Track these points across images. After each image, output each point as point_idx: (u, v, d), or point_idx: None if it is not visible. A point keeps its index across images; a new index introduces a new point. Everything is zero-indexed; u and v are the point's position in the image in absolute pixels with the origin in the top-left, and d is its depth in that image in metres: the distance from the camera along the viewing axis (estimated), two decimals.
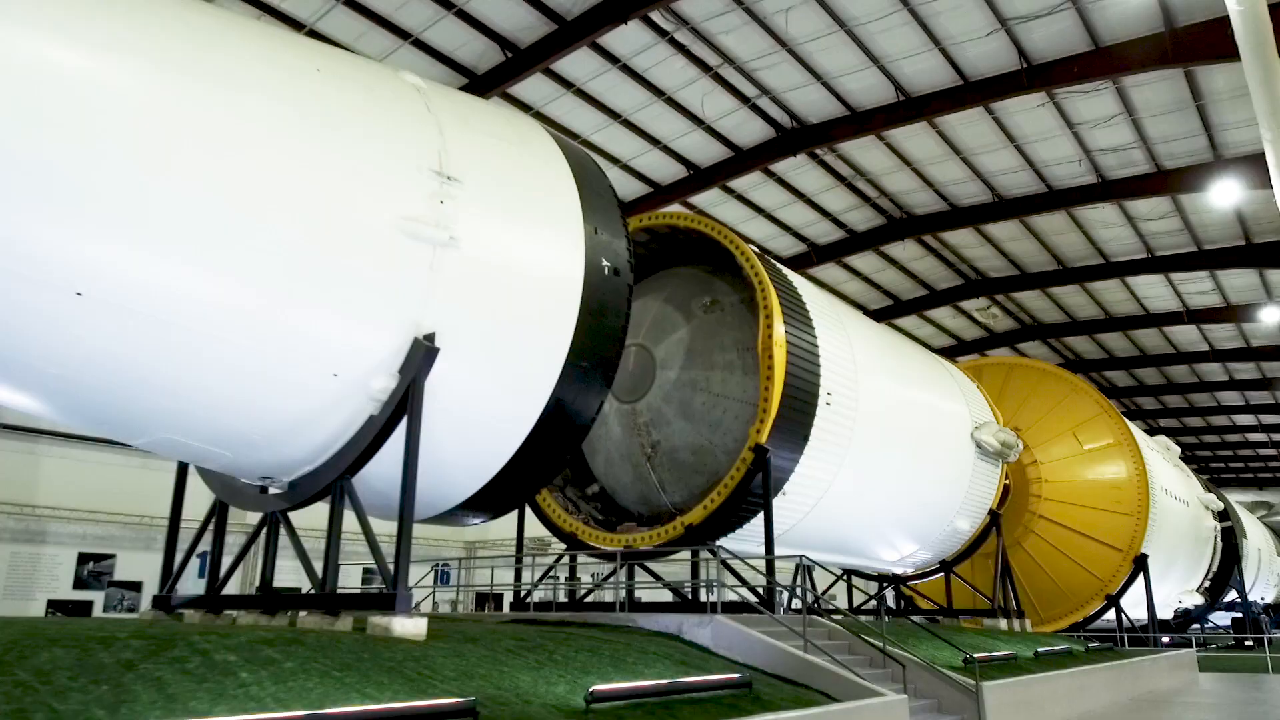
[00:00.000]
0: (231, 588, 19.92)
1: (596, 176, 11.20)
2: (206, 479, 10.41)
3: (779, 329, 13.86)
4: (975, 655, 11.39)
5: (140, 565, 19.17)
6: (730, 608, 12.35)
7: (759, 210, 25.61)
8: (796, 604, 13.87)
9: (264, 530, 9.77)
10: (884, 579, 22.82)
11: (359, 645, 6.84)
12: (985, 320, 34.24)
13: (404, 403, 8.42)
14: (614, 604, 13.66)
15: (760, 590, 12.55)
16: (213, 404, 8.03)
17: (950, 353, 35.10)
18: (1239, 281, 29.99)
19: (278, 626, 8.13)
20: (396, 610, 8.01)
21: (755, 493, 13.56)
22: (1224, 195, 22.03)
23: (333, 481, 8.81)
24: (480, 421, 9.62)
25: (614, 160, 22.48)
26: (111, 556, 19.00)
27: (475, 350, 9.18)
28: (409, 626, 7.94)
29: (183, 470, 10.92)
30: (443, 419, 9.23)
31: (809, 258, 28.21)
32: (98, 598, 18.72)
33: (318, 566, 8.88)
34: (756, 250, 15.64)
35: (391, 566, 8.32)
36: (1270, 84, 16.01)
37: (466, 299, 8.97)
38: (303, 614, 8.89)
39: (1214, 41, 16.64)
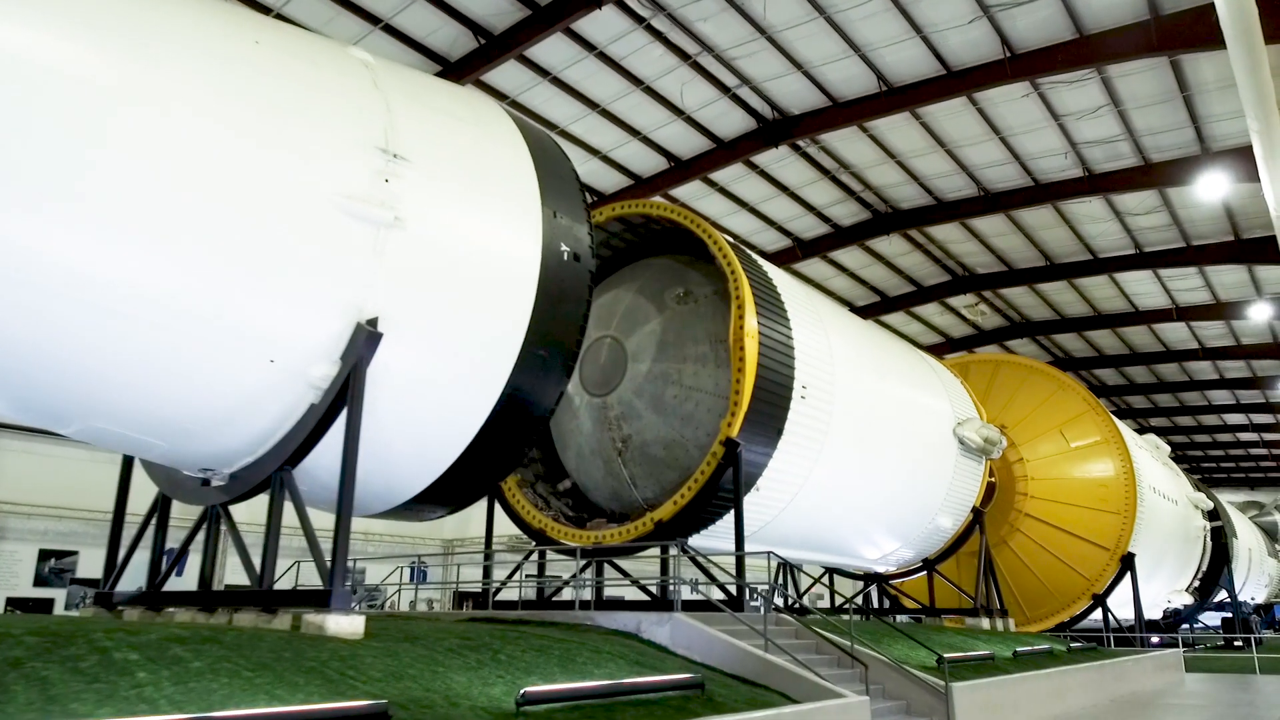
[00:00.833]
0: (192, 584, 19.63)
1: (558, 159, 10.83)
2: (150, 471, 10.03)
3: (751, 320, 13.50)
4: (948, 655, 11.04)
5: (104, 562, 18.68)
6: (700, 606, 12.00)
7: (742, 204, 25.23)
8: (773, 602, 13.50)
9: (205, 525, 9.38)
10: (867, 578, 22.48)
11: (283, 644, 6.46)
12: (973, 317, 33.91)
13: (345, 391, 8.04)
14: (587, 601, 13.31)
15: (731, 588, 12.17)
16: (140, 390, 7.65)
17: (939, 350, 34.81)
18: (1228, 278, 29.70)
19: (207, 624, 7.74)
20: (332, 608, 7.62)
21: (726, 488, 13.20)
22: (1211, 188, 21.70)
23: (272, 473, 8.43)
24: (431, 411, 9.25)
25: (593, 151, 22.10)
26: (74, 553, 18.57)
27: (424, 336, 8.81)
28: (344, 625, 7.56)
29: (128, 463, 10.55)
30: (390, 408, 8.87)
31: (794, 253, 27.85)
32: (59, 595, 18.29)
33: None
34: (731, 240, 15.28)
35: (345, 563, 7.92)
36: (1256, 72, 15.68)
37: (414, 282, 8.60)
38: (239, 611, 8.49)
39: (1200, 29, 16.32)
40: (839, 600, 25.68)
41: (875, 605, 22.78)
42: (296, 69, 8.22)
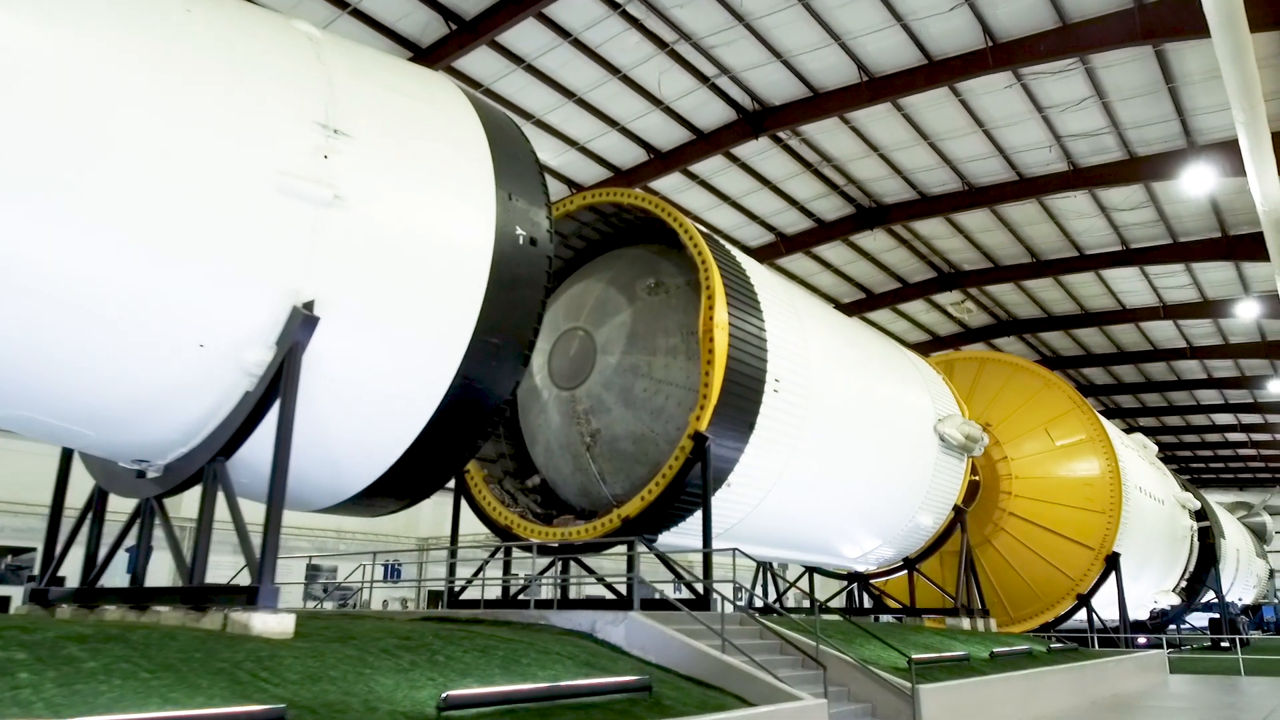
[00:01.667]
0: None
1: (516, 140, 10.45)
2: (87, 464, 9.63)
3: (721, 311, 13.12)
4: (919, 656, 10.67)
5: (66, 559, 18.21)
6: (667, 606, 11.62)
7: (724, 197, 24.85)
8: (742, 602, 13.15)
9: (139, 520, 8.96)
10: (848, 577, 22.13)
11: (197, 644, 6.06)
12: (960, 315, 33.60)
13: (279, 377, 7.65)
14: (549, 600, 12.93)
15: (695, 587, 11.79)
16: (59, 377, 7.24)
17: (925, 348, 34.49)
18: (1215, 276, 29.42)
19: (125, 623, 7.33)
20: (259, 605, 7.22)
21: (696, 483, 12.82)
22: (1197, 182, 21.37)
23: (205, 464, 8.03)
24: (376, 401, 8.84)
25: (571, 143, 21.71)
26: (32, 550, 18.08)
27: (367, 322, 8.42)
28: (271, 624, 7.15)
29: (67, 456, 10.14)
30: (332, 397, 8.48)
31: (777, 248, 27.48)
32: (16, 593, 17.80)
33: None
34: (705, 230, 14.91)
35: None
36: (1241, 60, 15.36)
37: (355, 264, 8.20)
38: (172, 609, 8.08)
39: (1184, 17, 16.00)
40: (819, 600, 25.41)
41: (858, 605, 22.40)
42: (231, 39, 7.81)
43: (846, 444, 15.95)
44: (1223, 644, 31.95)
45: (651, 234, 15.55)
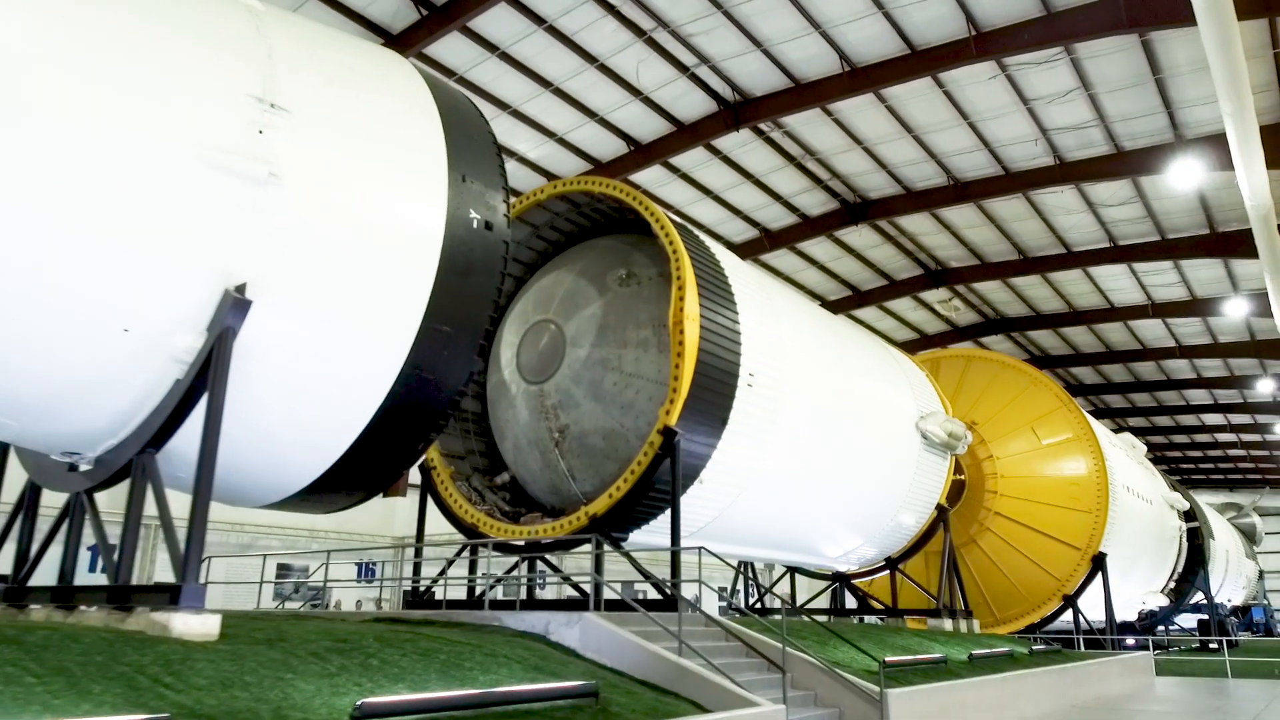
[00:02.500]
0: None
1: (472, 121, 10.01)
2: (20, 457, 9.20)
3: (692, 302, 12.72)
4: (892, 659, 10.29)
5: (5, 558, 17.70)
6: (629, 607, 11.22)
7: (706, 191, 24.45)
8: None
9: (70, 515, 8.53)
10: (830, 577, 21.75)
11: (102, 646, 5.64)
12: (947, 313, 33.25)
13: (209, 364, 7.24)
14: (511, 601, 12.52)
15: (658, 587, 11.39)
16: None
17: (913, 347, 34.16)
18: (1204, 273, 29.12)
19: (44, 622, 6.90)
20: (181, 605, 6.79)
21: (666, 480, 12.41)
22: (1185, 176, 21.03)
23: (134, 456, 7.61)
24: (319, 390, 8.41)
25: (549, 134, 21.29)
26: None
27: (306, 307, 8.00)
28: (194, 625, 6.72)
29: (3, 449, 9.71)
30: (271, 386, 8.07)
31: (761, 243, 27.10)
32: None
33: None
34: (679, 221, 14.52)
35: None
36: (1228, 50, 15.01)
37: (293, 246, 7.77)
38: (96, 609, 7.65)
39: (1170, 4, 15.65)
40: (799, 600, 25.02)
41: (842, 606, 22.01)
42: (161, 6, 7.40)
43: (824, 440, 15.56)
44: (1211, 645, 31.62)
45: (626, 225, 15.17)
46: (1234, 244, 24.99)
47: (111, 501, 9.02)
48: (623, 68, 19.09)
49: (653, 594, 18.57)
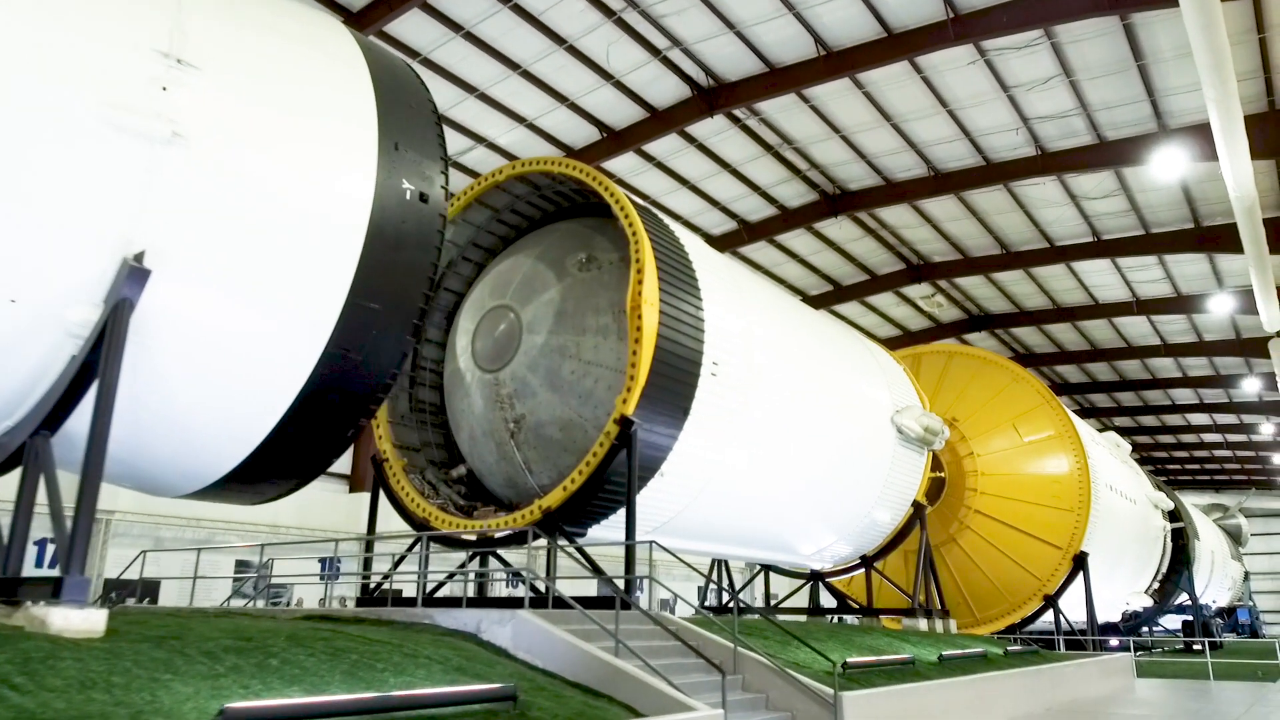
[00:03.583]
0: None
1: (409, 87, 9.43)
2: None
3: (651, 286, 12.15)
4: (854, 660, 9.75)
5: None
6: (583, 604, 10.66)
7: (683, 181, 23.89)
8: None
9: None
10: (806, 576, 21.22)
11: None
12: (930, 309, 32.79)
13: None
14: (457, 599, 11.96)
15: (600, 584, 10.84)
16: None
17: (896, 343, 33.63)
18: (1189, 269, 28.71)
19: None
20: (63, 599, 6.21)
21: (623, 472, 11.86)
22: (1168, 166, 20.56)
23: (25, 440, 7.02)
24: (233, 371, 7.83)
25: (519, 119, 20.71)
26: None
27: (216, 280, 7.43)
28: (74, 620, 6.13)
29: None
30: (179, 366, 7.51)
31: (740, 235, 26.57)
32: None
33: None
34: (642, 204, 13.97)
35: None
36: (1212, 32, 14.52)
37: (200, 213, 7.21)
38: None
39: None
40: (773, 599, 24.50)
41: (818, 605, 21.49)
42: None
43: (795, 433, 15.03)
44: (1195, 647, 31.24)
45: (590, 209, 14.60)
46: (1218, 238, 24.56)
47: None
48: (592, 50, 18.53)
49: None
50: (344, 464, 25.83)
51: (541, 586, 11.51)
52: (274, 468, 8.87)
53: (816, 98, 20.27)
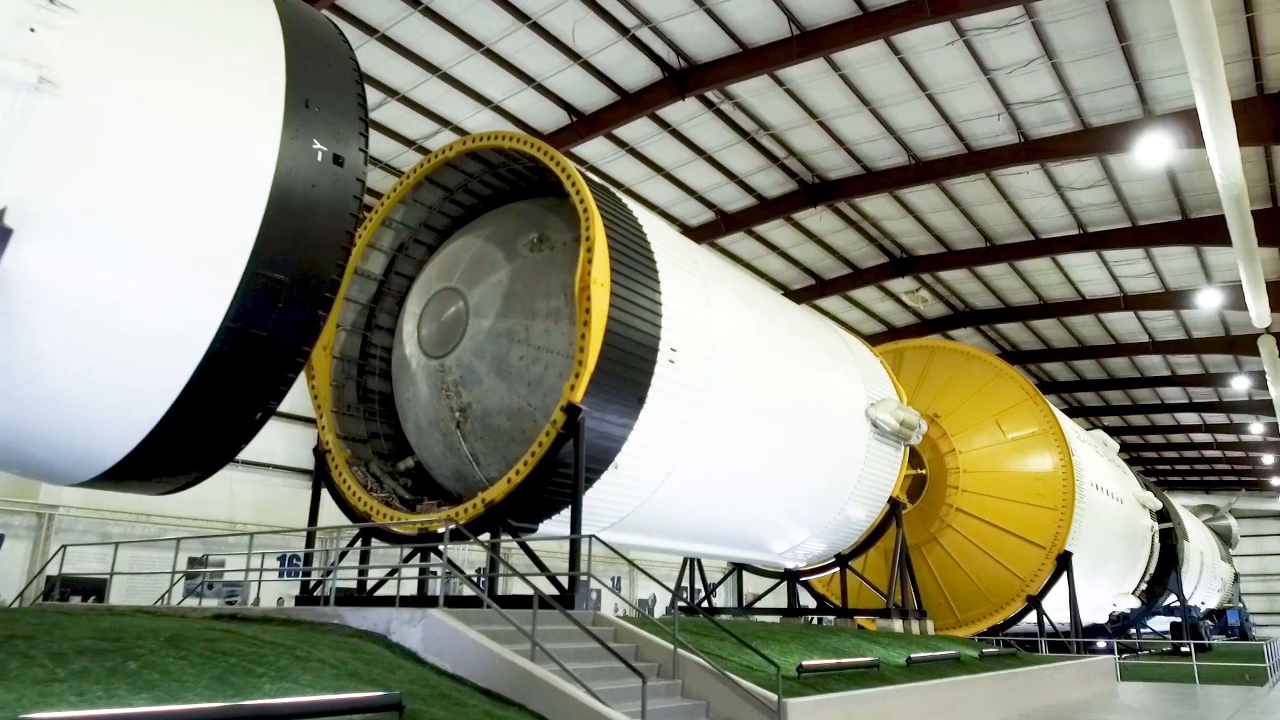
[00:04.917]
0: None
1: (328, 43, 8.71)
2: None
3: (601, 266, 11.47)
4: (810, 663, 9.06)
5: None
6: (515, 603, 9.98)
7: (657, 169, 23.18)
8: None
9: None
10: (780, 575, 20.55)
11: None
12: (914, 304, 32.13)
13: None
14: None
15: (558, 582, 10.14)
16: None
17: (880, 339, 32.98)
18: (1177, 264, 28.11)
19: None
20: None
21: (571, 463, 11.18)
22: (1154, 153, 19.92)
23: None
24: (116, 346, 7.11)
25: (485, 101, 19.99)
26: None
27: (93, 244, 6.72)
28: None
29: None
30: (54, 339, 6.81)
31: (718, 226, 25.89)
32: None
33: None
34: (598, 182, 13.30)
35: None
36: (1197, 8, 13.91)
37: (74, 168, 6.52)
38: None
39: None
40: (746, 599, 23.83)
41: (794, 605, 20.82)
42: None
43: (761, 425, 14.35)
44: (1183, 649, 30.65)
45: (547, 189, 13.90)
46: (1206, 231, 23.94)
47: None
48: (558, 28, 17.82)
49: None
50: (307, 459, 25.04)
51: (466, 588, 10.80)
52: (172, 455, 8.16)
53: (792, 81, 19.59)
